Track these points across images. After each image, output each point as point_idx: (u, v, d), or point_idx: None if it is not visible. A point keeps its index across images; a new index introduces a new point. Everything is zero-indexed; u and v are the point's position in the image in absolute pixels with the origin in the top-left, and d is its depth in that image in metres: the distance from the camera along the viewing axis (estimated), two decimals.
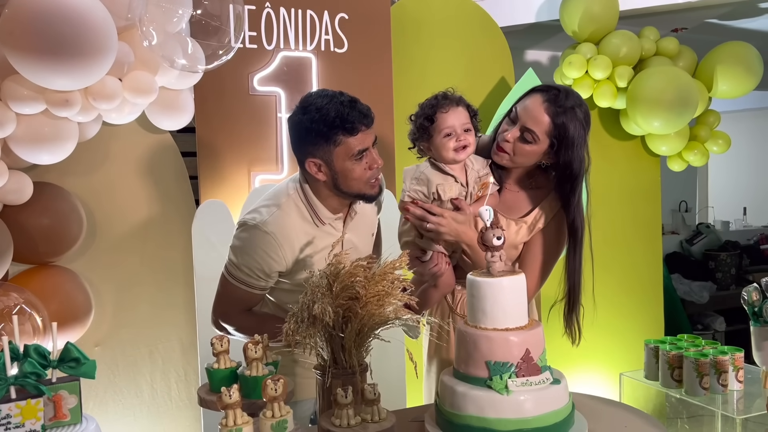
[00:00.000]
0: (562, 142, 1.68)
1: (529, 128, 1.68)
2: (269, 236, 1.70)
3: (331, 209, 1.76)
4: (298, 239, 1.73)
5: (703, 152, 3.41)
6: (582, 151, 1.70)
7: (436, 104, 1.71)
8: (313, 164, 1.68)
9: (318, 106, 1.64)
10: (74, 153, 2.10)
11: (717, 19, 3.73)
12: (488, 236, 1.44)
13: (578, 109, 1.69)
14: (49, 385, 1.29)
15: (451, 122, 1.70)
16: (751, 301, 2.07)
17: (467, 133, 1.71)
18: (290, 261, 1.74)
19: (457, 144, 1.69)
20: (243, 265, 1.73)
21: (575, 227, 1.73)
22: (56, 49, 1.75)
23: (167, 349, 2.60)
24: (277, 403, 1.25)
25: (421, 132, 1.73)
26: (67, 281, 2.30)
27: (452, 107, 1.71)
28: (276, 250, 1.71)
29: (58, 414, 1.26)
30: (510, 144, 1.71)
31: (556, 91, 1.70)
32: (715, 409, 2.02)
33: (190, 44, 2.08)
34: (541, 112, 1.67)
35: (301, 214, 1.74)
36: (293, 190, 1.77)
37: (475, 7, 3.14)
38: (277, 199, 1.76)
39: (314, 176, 1.70)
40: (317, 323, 1.37)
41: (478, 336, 1.40)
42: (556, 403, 1.40)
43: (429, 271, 1.76)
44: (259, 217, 1.73)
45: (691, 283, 5.04)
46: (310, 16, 2.63)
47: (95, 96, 1.97)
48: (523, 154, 1.72)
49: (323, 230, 1.77)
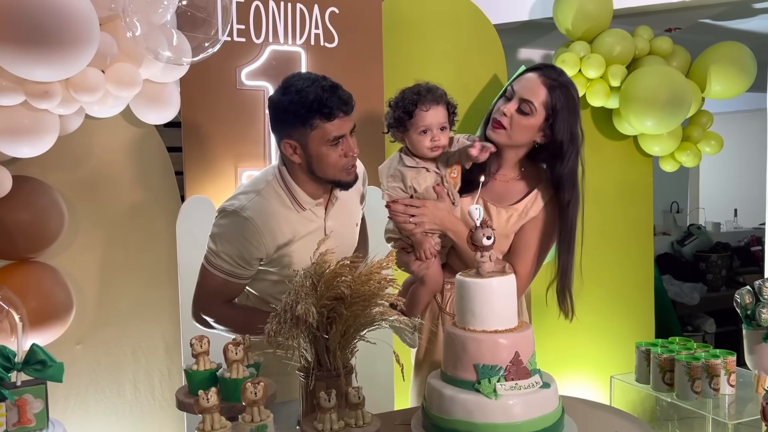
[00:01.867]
0: (557, 115, 1.71)
1: (527, 99, 1.71)
2: (249, 222, 1.68)
3: (310, 194, 1.75)
4: (278, 225, 1.71)
5: (695, 153, 3.39)
6: (575, 125, 1.73)
7: (418, 99, 1.70)
8: (288, 146, 1.68)
9: (298, 87, 1.63)
10: (56, 146, 2.05)
11: (711, 20, 3.72)
12: (478, 236, 1.41)
13: (571, 86, 1.75)
14: (12, 389, 1.23)
15: (429, 121, 1.69)
16: (744, 304, 2.04)
17: (442, 132, 1.72)
18: (271, 248, 1.71)
19: (431, 143, 1.70)
20: (222, 253, 1.70)
21: (568, 204, 1.74)
22: (35, 38, 1.70)
23: (151, 348, 2.55)
24: (257, 407, 1.20)
25: (398, 123, 1.73)
26: (48, 278, 2.25)
27: (433, 106, 1.70)
28: (256, 236, 1.68)
29: (22, 419, 1.20)
30: (507, 118, 1.73)
31: (549, 67, 1.76)
32: (707, 413, 2.00)
33: (175, 36, 2.03)
34: (538, 84, 1.72)
35: (280, 199, 1.73)
36: (272, 175, 1.76)
37: (468, 4, 3.11)
38: (257, 185, 1.75)
39: (290, 158, 1.69)
40: (300, 324, 1.33)
41: (467, 338, 1.37)
42: (545, 408, 1.37)
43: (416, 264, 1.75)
44: (237, 203, 1.71)
45: (681, 284, 5.04)
46: (300, 9, 2.58)
47: (76, 88, 1.92)
48: (520, 128, 1.73)
49: (304, 216, 1.75)
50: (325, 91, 1.62)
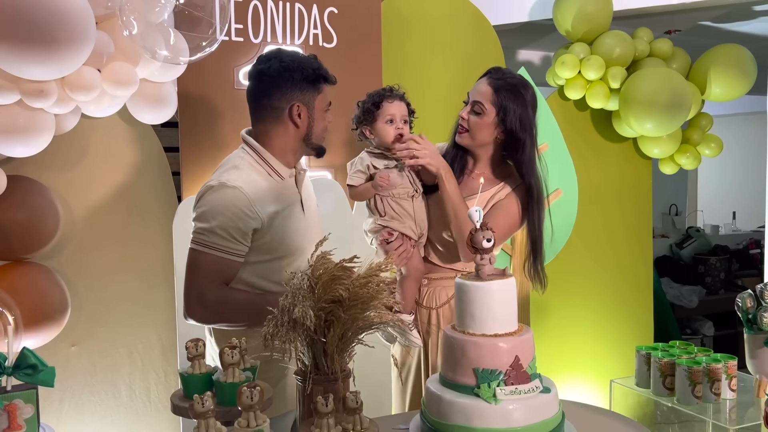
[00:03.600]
0: (506, 110, 1.90)
1: (477, 100, 1.94)
2: (238, 190, 1.67)
3: (286, 163, 1.80)
4: (264, 194, 1.72)
5: (695, 155, 3.38)
6: (525, 116, 1.91)
7: (384, 94, 1.95)
8: (296, 108, 1.75)
9: (298, 56, 1.78)
10: (51, 146, 2.03)
11: (711, 22, 3.71)
12: (478, 238, 1.39)
13: (517, 84, 1.93)
14: (2, 394, 1.20)
15: (393, 111, 1.93)
16: (746, 308, 2.02)
17: (405, 124, 1.95)
18: (264, 216, 1.70)
19: (396, 131, 1.92)
20: (217, 227, 1.64)
21: (531, 187, 1.93)
22: (31, 36, 1.68)
23: (146, 350, 2.53)
24: (253, 412, 1.18)
25: (366, 115, 1.94)
26: (42, 278, 2.23)
27: (397, 100, 1.95)
28: (247, 204, 1.67)
29: (12, 425, 1.17)
30: (465, 120, 1.96)
31: (497, 69, 1.98)
32: (707, 418, 1.98)
33: (172, 35, 2.01)
34: (484, 84, 1.95)
35: (258, 171, 1.76)
36: (243, 153, 1.79)
37: (468, 5, 3.09)
38: (232, 163, 1.77)
39: (293, 121, 1.75)
40: (298, 327, 1.31)
41: (466, 342, 1.35)
42: (545, 413, 1.35)
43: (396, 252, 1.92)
44: (221, 178, 1.70)
45: (680, 287, 5.03)
46: (299, 9, 2.56)
47: (72, 87, 1.90)
48: (477, 127, 1.94)
49: (284, 186, 1.78)
50: (316, 60, 1.79)
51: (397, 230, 1.94)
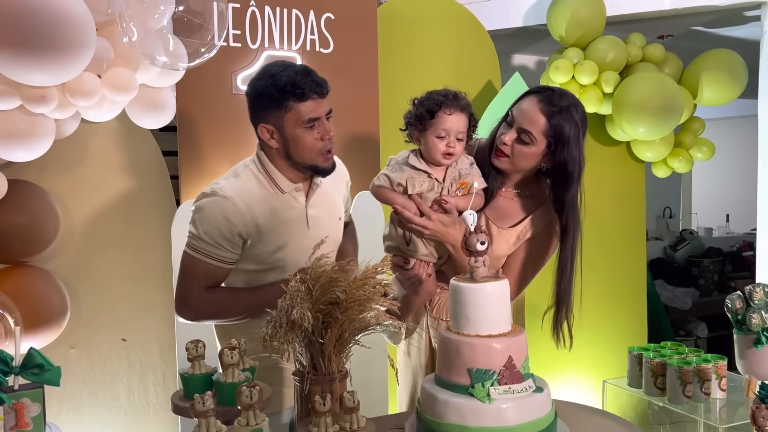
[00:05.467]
0: (558, 142, 1.69)
1: (526, 129, 1.70)
2: (228, 201, 1.69)
3: (289, 178, 1.77)
4: (258, 206, 1.72)
5: (687, 159, 3.42)
6: (576, 151, 1.70)
7: (443, 102, 1.69)
8: (265, 130, 1.70)
9: (272, 72, 1.68)
10: (51, 150, 2.05)
11: (703, 27, 3.75)
12: (472, 241, 1.41)
13: (573, 109, 1.71)
14: (10, 393, 1.24)
15: (449, 125, 1.68)
16: (735, 309, 2.06)
17: (459, 141, 1.70)
18: (252, 227, 1.71)
19: (446, 149, 1.68)
20: (204, 233, 1.69)
21: (567, 229, 1.73)
22: (32, 43, 1.71)
23: (145, 352, 2.55)
24: (252, 411, 1.21)
25: (418, 121, 1.71)
26: (42, 281, 2.25)
27: (456, 111, 1.69)
28: (236, 215, 1.69)
29: (19, 423, 1.20)
30: (508, 147, 1.72)
31: (550, 92, 1.72)
32: (698, 417, 2.02)
33: (171, 41, 2.04)
34: (536, 112, 1.69)
35: (259, 182, 1.75)
36: (250, 161, 1.79)
37: (463, 10, 3.13)
38: (235, 171, 1.79)
39: (267, 143, 1.72)
40: (296, 328, 1.34)
41: (461, 342, 1.38)
42: (538, 412, 1.38)
43: (410, 280, 1.75)
44: (216, 186, 1.73)
45: (674, 289, 5.07)
46: (296, 15, 2.59)
47: (73, 92, 1.93)
48: (522, 156, 1.72)
49: (284, 200, 1.76)
50: (298, 73, 1.66)
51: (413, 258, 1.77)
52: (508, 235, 1.78)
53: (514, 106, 1.75)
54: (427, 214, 1.70)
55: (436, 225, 1.70)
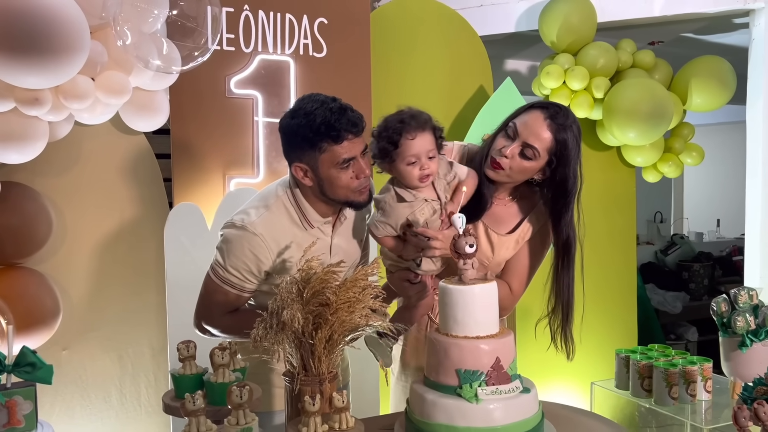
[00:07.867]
0: (560, 159, 1.69)
1: (531, 144, 1.67)
2: (257, 238, 1.67)
3: (321, 213, 1.73)
4: (285, 241, 1.70)
5: (677, 164, 3.45)
6: (577, 168, 1.72)
7: (402, 128, 1.60)
8: (299, 169, 1.66)
9: (306, 110, 1.61)
10: (44, 153, 2.07)
11: (692, 33, 3.79)
12: (461, 244, 1.43)
13: (575, 126, 1.71)
14: (3, 391, 1.25)
15: (416, 150, 1.59)
16: (720, 312, 2.09)
17: (431, 160, 1.62)
18: (279, 264, 1.71)
19: (421, 173, 1.61)
20: (231, 267, 1.68)
21: (568, 244, 1.75)
22: (26, 46, 1.72)
23: (137, 354, 2.56)
24: (242, 411, 1.23)
25: (383, 154, 1.63)
26: (34, 283, 2.26)
27: (419, 133, 1.60)
28: (265, 252, 1.68)
29: (11, 420, 1.22)
30: (508, 160, 1.68)
31: (556, 109, 1.70)
32: (684, 419, 2.04)
33: (165, 45, 2.06)
34: (543, 128, 1.66)
35: (290, 216, 1.72)
36: (282, 192, 1.74)
37: (455, 16, 3.15)
38: (266, 201, 1.74)
39: (301, 181, 1.68)
40: (286, 329, 1.36)
41: (449, 344, 1.40)
42: (525, 412, 1.40)
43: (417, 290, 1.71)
44: (247, 219, 1.69)
45: (665, 293, 5.10)
46: (289, 19, 2.61)
47: (66, 95, 1.94)
48: (521, 170, 1.70)
49: (311, 233, 1.74)
50: (333, 113, 1.59)
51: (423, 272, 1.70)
52: (507, 241, 1.79)
53: (517, 118, 1.71)
54: (433, 236, 1.64)
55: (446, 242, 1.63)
